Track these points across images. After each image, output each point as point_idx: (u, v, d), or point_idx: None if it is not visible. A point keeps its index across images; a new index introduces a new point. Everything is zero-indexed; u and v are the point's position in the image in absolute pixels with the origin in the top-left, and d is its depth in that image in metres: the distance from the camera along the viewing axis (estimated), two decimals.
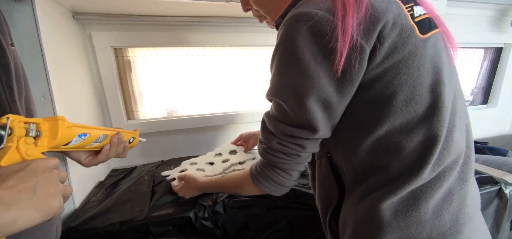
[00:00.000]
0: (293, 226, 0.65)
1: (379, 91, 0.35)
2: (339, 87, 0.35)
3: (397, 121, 0.36)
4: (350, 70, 0.34)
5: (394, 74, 0.34)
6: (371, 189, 0.38)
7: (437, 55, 0.36)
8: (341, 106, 0.38)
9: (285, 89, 0.38)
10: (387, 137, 0.36)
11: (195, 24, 0.93)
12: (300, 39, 0.34)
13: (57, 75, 0.64)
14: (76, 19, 0.80)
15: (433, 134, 0.36)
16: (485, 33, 1.31)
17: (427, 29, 0.36)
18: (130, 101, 1.01)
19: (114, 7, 0.79)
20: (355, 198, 0.40)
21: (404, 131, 0.36)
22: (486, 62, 1.47)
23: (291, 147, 0.41)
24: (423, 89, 0.35)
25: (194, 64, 1.03)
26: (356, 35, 0.32)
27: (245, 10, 0.55)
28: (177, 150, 1.06)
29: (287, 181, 0.46)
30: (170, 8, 0.81)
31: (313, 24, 0.33)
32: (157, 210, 0.63)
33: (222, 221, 0.63)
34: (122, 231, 0.58)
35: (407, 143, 0.36)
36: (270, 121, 0.43)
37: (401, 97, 0.35)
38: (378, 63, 0.34)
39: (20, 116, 0.31)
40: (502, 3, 1.23)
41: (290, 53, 0.35)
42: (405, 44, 0.34)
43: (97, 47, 0.87)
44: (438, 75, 0.36)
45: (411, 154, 0.36)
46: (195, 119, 1.06)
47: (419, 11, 0.37)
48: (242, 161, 0.81)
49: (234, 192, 0.58)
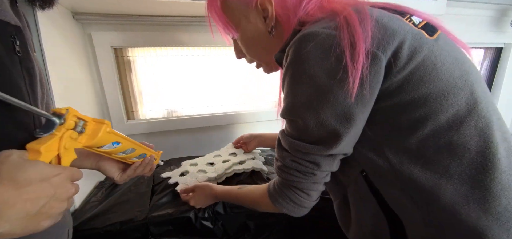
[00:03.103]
0: (293, 227, 0.65)
1: (411, 92, 0.35)
2: (358, 98, 0.35)
3: (441, 118, 0.35)
4: (367, 80, 0.34)
5: (422, 73, 0.34)
6: (444, 201, 0.35)
7: (453, 50, 0.37)
8: (362, 117, 0.37)
9: (300, 107, 0.38)
10: (434, 137, 0.35)
11: (195, 24, 0.93)
12: (310, 57, 0.35)
13: (57, 75, 0.64)
14: (76, 19, 0.80)
15: (487, 120, 0.35)
16: (485, 33, 1.31)
17: (432, 32, 0.37)
18: (130, 101, 1.01)
19: (114, 7, 0.79)
20: (426, 221, 0.36)
21: (452, 127, 0.35)
22: (486, 62, 1.47)
23: (305, 165, 0.41)
24: (456, 80, 0.35)
25: (194, 64, 1.03)
26: (367, 46, 0.33)
27: (238, 58, 0.56)
28: (177, 150, 1.06)
29: (306, 201, 0.45)
30: (170, 8, 0.81)
31: (321, 41, 0.34)
32: (157, 210, 0.63)
33: (222, 221, 0.63)
34: (122, 231, 0.58)
35: (460, 138, 0.34)
36: (284, 138, 0.43)
37: (437, 92, 0.34)
38: (401, 67, 0.34)
39: (75, 111, 0.33)
40: (502, 3, 1.23)
41: (301, 72, 0.36)
42: (422, 45, 0.34)
43: (97, 47, 0.87)
44: (463, 66, 0.36)
45: (471, 150, 0.34)
46: (195, 119, 1.06)
47: (417, 20, 0.38)
48: (243, 161, 0.81)
49: (250, 207, 0.57)
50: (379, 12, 0.37)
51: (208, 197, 0.63)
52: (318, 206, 0.59)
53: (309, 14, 0.41)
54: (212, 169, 0.78)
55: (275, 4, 0.43)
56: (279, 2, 0.43)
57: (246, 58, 0.55)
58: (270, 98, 1.14)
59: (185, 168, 0.80)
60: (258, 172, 0.79)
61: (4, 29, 0.30)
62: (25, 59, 0.33)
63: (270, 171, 0.80)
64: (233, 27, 0.48)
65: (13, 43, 0.31)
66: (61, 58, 0.69)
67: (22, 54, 0.32)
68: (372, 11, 0.36)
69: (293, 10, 0.42)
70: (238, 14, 0.47)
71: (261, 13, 0.45)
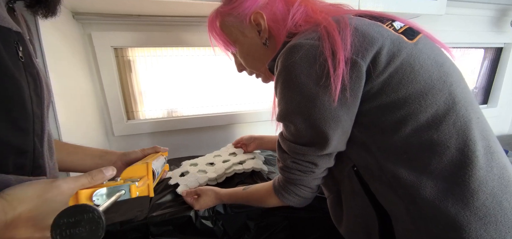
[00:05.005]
0: (294, 227, 0.65)
1: (391, 94, 0.37)
2: (342, 101, 0.38)
3: (421, 118, 0.36)
4: (349, 84, 0.36)
5: (401, 75, 0.36)
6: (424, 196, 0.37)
7: (433, 52, 0.39)
8: (349, 118, 0.40)
9: (291, 112, 0.41)
10: (416, 135, 0.37)
11: (195, 24, 0.93)
12: (296, 66, 0.38)
13: (57, 75, 0.64)
14: (76, 19, 0.80)
15: (466, 119, 0.36)
16: (485, 33, 1.31)
17: (412, 36, 0.39)
18: (130, 101, 1.01)
19: (114, 7, 0.79)
20: (410, 216, 0.38)
21: (431, 126, 0.36)
22: (486, 62, 1.47)
23: (305, 165, 0.45)
24: (434, 81, 0.37)
25: (194, 64, 1.03)
26: (347, 53, 0.36)
27: (239, 71, 0.60)
28: (177, 150, 1.06)
29: (309, 194, 0.49)
30: (170, 8, 0.81)
31: (305, 52, 0.37)
32: (157, 210, 0.63)
33: (222, 221, 0.63)
34: (122, 231, 0.58)
35: (439, 137, 0.36)
36: (283, 141, 0.47)
37: (415, 93, 0.36)
38: (380, 71, 0.36)
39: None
40: (502, 3, 1.23)
41: (289, 81, 0.39)
42: (401, 49, 0.37)
43: (97, 47, 0.86)
44: (443, 68, 0.38)
45: (450, 148, 0.36)
46: (195, 119, 1.06)
47: (398, 25, 0.41)
48: (243, 160, 0.81)
49: (256, 206, 0.61)
50: (358, 20, 0.39)
51: (213, 200, 0.63)
52: (318, 206, 0.59)
53: (297, 25, 0.44)
54: (212, 169, 0.78)
55: (267, 18, 0.47)
56: (270, 16, 0.47)
57: (246, 70, 0.59)
58: (270, 98, 1.15)
59: (185, 168, 0.80)
60: (258, 172, 0.79)
61: (8, 36, 0.30)
62: (28, 65, 0.33)
63: (270, 170, 0.80)
64: (232, 43, 0.54)
65: (16, 49, 0.31)
66: (61, 58, 0.69)
67: (25, 60, 0.32)
68: (352, 20, 0.39)
69: (283, 22, 0.46)
70: (235, 31, 0.52)
71: (255, 27, 0.50)
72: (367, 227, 0.44)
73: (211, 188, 0.65)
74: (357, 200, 0.44)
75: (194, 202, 0.63)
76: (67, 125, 0.66)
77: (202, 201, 0.63)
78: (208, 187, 0.66)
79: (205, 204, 0.63)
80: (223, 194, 0.63)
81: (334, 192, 0.51)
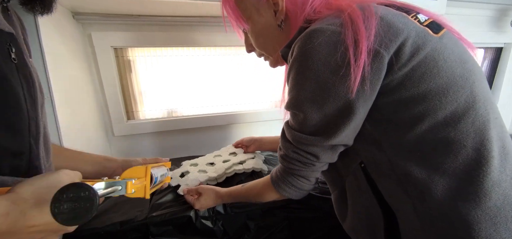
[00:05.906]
0: (294, 227, 0.65)
1: (411, 88, 0.36)
2: (359, 93, 0.36)
3: (439, 115, 0.35)
4: (369, 76, 0.35)
5: (423, 69, 0.35)
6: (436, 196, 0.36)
7: (457, 48, 0.38)
8: (363, 111, 0.38)
9: (304, 100, 0.40)
10: (432, 133, 0.36)
11: (195, 24, 0.92)
12: (314, 52, 0.36)
13: (57, 75, 0.64)
14: (76, 19, 0.80)
15: (484, 119, 0.35)
16: (485, 33, 1.31)
17: (437, 29, 0.38)
18: (130, 101, 1.01)
19: (114, 7, 0.79)
20: (418, 214, 0.37)
21: (449, 123, 0.35)
22: (486, 62, 1.47)
23: (306, 156, 0.44)
24: (456, 78, 0.35)
25: (194, 64, 1.03)
26: (370, 44, 0.34)
27: (249, 51, 0.58)
28: (177, 150, 1.06)
29: (307, 185, 0.49)
30: (170, 8, 0.81)
31: (326, 38, 0.35)
32: (157, 210, 0.63)
33: (222, 221, 0.63)
34: (122, 231, 0.58)
35: (456, 135, 0.35)
36: (288, 130, 0.46)
37: (437, 89, 0.35)
38: (402, 64, 0.35)
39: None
40: (502, 3, 1.23)
41: (305, 67, 0.37)
42: (426, 42, 0.35)
43: (97, 47, 0.86)
44: (466, 65, 0.37)
45: (467, 147, 0.35)
46: (195, 119, 1.06)
47: (423, 18, 0.39)
48: (243, 160, 0.81)
49: (256, 201, 0.60)
50: (384, 10, 0.37)
51: (213, 200, 0.63)
52: (318, 206, 0.59)
53: (316, 11, 0.42)
54: (212, 169, 0.78)
55: None
56: None
57: (256, 51, 0.57)
58: (270, 98, 1.15)
59: (185, 168, 0.80)
60: (259, 172, 0.79)
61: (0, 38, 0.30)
62: (21, 66, 0.33)
63: (270, 170, 0.79)
64: (245, 20, 0.51)
65: (9, 50, 0.31)
66: (61, 58, 0.69)
67: (18, 61, 0.32)
68: (377, 9, 0.37)
69: (301, 5, 0.43)
70: (250, 7, 0.49)
71: (272, 7, 0.47)
72: (372, 225, 0.43)
73: (212, 188, 0.64)
74: (363, 197, 0.43)
75: (195, 201, 0.63)
76: (67, 125, 0.66)
77: (202, 200, 0.62)
78: (208, 186, 0.66)
79: (206, 204, 0.62)
80: (223, 193, 0.63)
81: (339, 188, 0.49)
